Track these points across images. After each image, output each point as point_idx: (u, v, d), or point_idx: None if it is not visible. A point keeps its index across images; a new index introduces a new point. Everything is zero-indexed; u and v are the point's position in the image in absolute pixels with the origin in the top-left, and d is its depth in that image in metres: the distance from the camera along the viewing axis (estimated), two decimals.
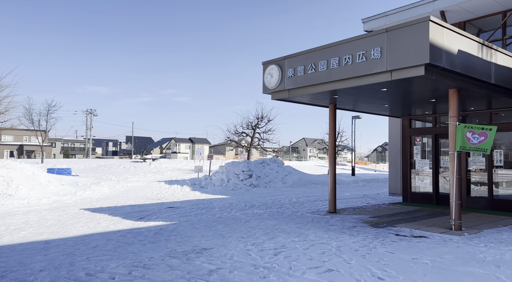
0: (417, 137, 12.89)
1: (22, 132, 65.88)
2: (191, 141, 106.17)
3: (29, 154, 75.80)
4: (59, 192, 14.69)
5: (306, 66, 8.88)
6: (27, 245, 6.66)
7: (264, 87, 10.01)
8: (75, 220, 9.53)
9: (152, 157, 33.53)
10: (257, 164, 21.79)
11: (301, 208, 11.90)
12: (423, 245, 6.52)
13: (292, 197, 15.49)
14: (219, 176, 19.93)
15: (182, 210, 11.38)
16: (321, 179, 22.74)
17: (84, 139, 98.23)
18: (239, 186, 19.10)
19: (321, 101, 10.46)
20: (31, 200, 12.80)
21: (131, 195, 15.85)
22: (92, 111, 79.89)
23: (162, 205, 12.64)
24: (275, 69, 9.68)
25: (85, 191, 15.66)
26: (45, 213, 10.73)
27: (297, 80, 9.12)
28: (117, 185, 18.70)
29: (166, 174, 25.70)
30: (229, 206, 12.28)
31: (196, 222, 8.91)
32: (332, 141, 10.91)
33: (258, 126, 28.41)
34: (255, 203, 13.19)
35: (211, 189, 18.58)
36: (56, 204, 12.71)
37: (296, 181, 21.04)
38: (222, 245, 6.54)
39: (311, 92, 8.99)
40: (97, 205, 12.72)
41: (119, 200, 14.07)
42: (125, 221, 9.32)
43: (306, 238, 7.03)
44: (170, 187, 18.63)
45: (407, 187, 13.14)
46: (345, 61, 8.02)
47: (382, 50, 7.38)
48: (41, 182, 14.42)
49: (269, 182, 20.30)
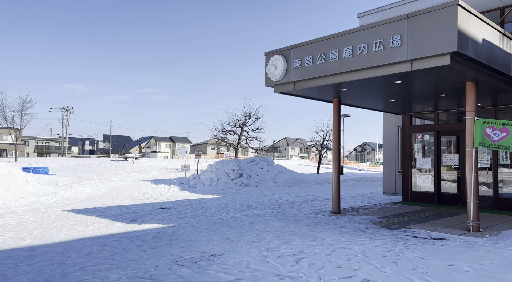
0: (418, 134, 12.50)
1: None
2: (172, 139, 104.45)
3: (0, 152, 72.82)
4: (37, 192, 13.65)
5: (315, 56, 8.27)
6: (8, 252, 5.81)
7: (267, 80, 9.36)
8: (59, 222, 8.65)
9: (135, 155, 32.36)
10: (247, 162, 21.13)
11: (301, 208, 11.30)
12: (450, 249, 6.00)
13: (287, 196, 14.90)
14: (208, 175, 19.17)
15: (175, 211, 10.61)
16: (311, 178, 22.25)
17: (59, 137, 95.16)
18: (230, 185, 18.39)
19: (326, 95, 9.89)
20: (7, 201, 11.77)
21: (116, 195, 14.93)
22: (68, 109, 77.35)
23: (152, 206, 11.83)
24: (279, 60, 9.04)
25: (66, 191, 14.65)
26: (24, 215, 9.79)
27: (305, 71, 8.50)
28: (100, 184, 17.70)
29: (150, 173, 24.72)
30: (225, 206, 11.58)
31: (196, 224, 8.18)
32: (336, 137, 10.34)
33: (245, 124, 27.70)
34: (251, 203, 12.53)
35: (200, 188, 17.80)
36: (35, 205, 11.72)
37: (287, 180, 20.48)
38: (233, 250, 5.86)
39: (319, 85, 8.39)
40: (81, 205, 11.80)
41: (104, 201, 13.16)
42: (116, 224, 8.50)
43: (323, 241, 6.41)
44: (157, 186, 17.75)
45: (407, 186, 12.73)
46: (360, 51, 7.45)
47: (402, 38, 6.84)
48: (17, 181, 13.35)
49: (260, 181, 19.67)
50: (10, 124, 35.44)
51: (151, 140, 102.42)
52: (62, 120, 76.81)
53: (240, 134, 27.69)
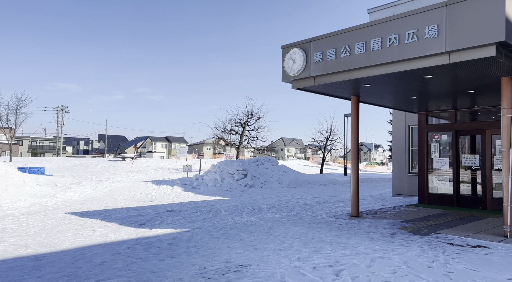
0: (435, 134, 12.00)
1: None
2: (168, 139, 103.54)
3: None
4: (36, 194, 12.99)
5: (339, 49, 7.73)
6: (12, 262, 5.21)
7: (284, 75, 8.80)
8: (63, 227, 8.04)
9: (134, 155, 31.68)
10: (251, 162, 20.56)
11: (316, 211, 10.76)
12: (498, 259, 5.47)
13: (296, 198, 14.35)
14: (212, 176, 18.58)
15: (184, 214, 10.03)
16: (316, 178, 21.72)
17: (53, 137, 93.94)
18: (234, 186, 17.82)
19: (346, 92, 9.35)
20: (4, 203, 11.12)
21: (118, 197, 14.31)
22: (63, 108, 76.12)
23: (158, 208, 11.23)
24: (298, 54, 8.49)
25: (66, 192, 14.00)
26: (23, 218, 9.16)
27: (327, 65, 7.96)
28: (100, 185, 17.05)
29: (150, 174, 24.06)
30: (235, 209, 11.00)
31: (211, 229, 7.60)
32: (355, 137, 9.80)
33: (247, 124, 27.12)
34: (261, 205, 11.96)
35: (204, 189, 17.21)
36: (34, 208, 11.09)
37: (292, 181, 19.93)
38: (260, 260, 5.29)
39: (343, 79, 7.84)
40: (83, 208, 11.18)
41: (107, 202, 12.54)
42: (124, 228, 7.91)
43: (356, 250, 5.86)
44: (159, 187, 17.14)
45: (423, 187, 12.22)
46: (390, 42, 6.92)
47: (439, 27, 6.31)
48: (15, 182, 12.69)
49: (265, 182, 19.11)
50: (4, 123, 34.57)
51: (147, 140, 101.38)
52: (57, 119, 75.53)
53: (242, 134, 27.11)
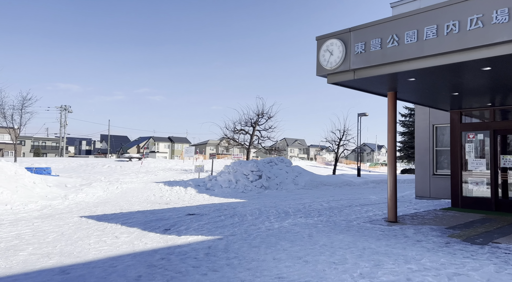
0: (470, 133, 11.32)
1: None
2: (171, 140, 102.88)
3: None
4: (47, 195, 12.35)
5: (385, 39, 7.06)
6: (36, 276, 4.55)
7: (319, 68, 8.13)
8: (82, 232, 7.38)
9: (143, 156, 31.05)
10: (264, 163, 19.90)
11: (347, 215, 10.09)
12: None
13: (318, 201, 13.68)
14: (226, 177, 17.92)
15: (208, 218, 9.37)
16: (331, 180, 21.04)
17: (56, 137, 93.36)
18: (249, 187, 17.16)
19: (384, 87, 8.67)
20: (15, 205, 10.47)
21: (131, 198, 13.67)
22: (66, 108, 75.49)
23: (177, 211, 10.58)
24: (336, 45, 7.82)
25: (77, 194, 13.35)
26: (37, 222, 8.51)
27: (370, 57, 7.29)
28: (111, 186, 16.42)
29: (160, 174, 23.43)
30: (259, 213, 10.34)
31: (246, 237, 6.93)
32: (391, 135, 9.12)
33: (258, 124, 26.45)
34: (285, 209, 11.30)
35: (218, 191, 16.56)
36: (47, 210, 10.44)
37: (308, 182, 19.26)
38: (317, 276, 4.62)
39: (389, 72, 7.17)
40: (98, 211, 10.53)
41: (121, 205, 11.90)
42: (149, 234, 7.25)
43: (422, 264, 5.18)
44: (172, 188, 16.50)
45: (457, 190, 11.53)
46: (448, 30, 6.25)
47: (510, 11, 5.64)
48: (25, 183, 12.05)
49: (280, 183, 18.44)
50: (9, 123, 33.94)
51: (150, 140, 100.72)
52: (60, 119, 74.82)
53: (252, 134, 26.44)
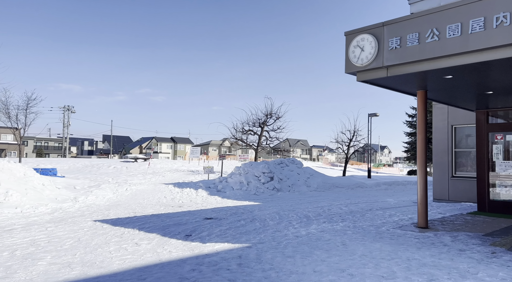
0: (498, 134, 10.88)
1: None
2: (173, 140, 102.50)
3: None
4: (56, 198, 11.94)
5: (423, 33, 6.63)
6: None
7: (349, 65, 7.70)
8: (100, 239, 6.97)
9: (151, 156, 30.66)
10: (275, 164, 19.47)
11: (372, 220, 9.66)
12: None
13: (336, 204, 13.23)
14: (237, 179, 17.49)
15: (227, 222, 8.94)
16: (343, 182, 20.59)
17: (58, 138, 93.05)
18: (261, 189, 16.73)
19: (415, 85, 8.25)
20: (25, 208, 10.06)
21: (143, 201, 13.25)
22: (69, 108, 75.10)
23: (193, 215, 10.16)
24: (367, 40, 7.39)
25: (87, 196, 12.94)
26: (51, 226, 8.10)
27: (406, 52, 6.86)
28: (120, 188, 16.01)
29: (167, 176, 23.00)
30: (279, 217, 9.91)
31: (276, 245, 6.50)
32: (422, 137, 8.69)
33: (266, 124, 26.01)
34: (304, 212, 10.88)
35: (230, 193, 16.12)
36: (58, 214, 10.02)
37: (320, 185, 18.82)
38: None
39: (426, 69, 6.74)
40: (111, 214, 10.12)
41: (134, 208, 11.48)
42: (171, 241, 6.83)
43: (480, 278, 4.75)
44: (183, 190, 16.07)
45: (484, 194, 11.08)
46: (498, 22, 5.82)
47: None
48: (34, 185, 11.64)
49: (292, 185, 18.01)
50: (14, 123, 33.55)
51: (153, 140, 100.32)
52: (63, 119, 74.44)
53: (261, 135, 26.01)
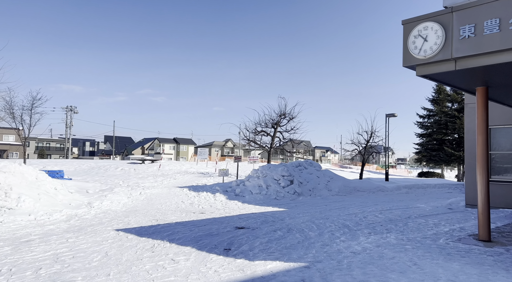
0: None
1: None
2: (176, 141, 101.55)
3: (1, 153, 69.92)
4: (70, 203, 11.08)
5: (506, 18, 5.77)
6: None
7: (408, 57, 6.84)
8: (129, 253, 6.11)
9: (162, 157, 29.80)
10: (293, 167, 18.61)
11: (419, 230, 8.80)
12: None
13: (367, 210, 12.36)
14: (255, 182, 16.63)
15: (263, 233, 8.08)
16: (363, 185, 19.70)
17: (59, 138, 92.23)
18: (282, 194, 15.86)
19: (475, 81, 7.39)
20: (39, 215, 9.20)
21: (161, 206, 12.39)
22: (72, 109, 74.23)
23: (221, 223, 9.31)
24: (432, 29, 6.54)
25: (102, 201, 12.08)
26: (71, 237, 7.25)
27: (483, 42, 6.00)
28: (134, 192, 15.15)
29: (179, 178, 22.13)
30: (316, 227, 9.05)
31: (337, 265, 5.57)
32: (482, 139, 7.85)
33: (279, 125, 25.13)
34: (341, 221, 10.02)
35: (249, 197, 15.25)
36: (74, 221, 9.16)
37: (341, 188, 17.94)
38: None
39: (509, 60, 5.88)
40: (132, 222, 9.26)
41: (154, 214, 10.63)
42: (211, 257, 5.97)
43: None
44: (199, 194, 15.22)
45: None
46: None
47: None
48: (47, 189, 10.79)
49: (313, 189, 17.14)
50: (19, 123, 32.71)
51: (155, 141, 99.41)
52: (65, 120, 73.57)
53: (274, 136, 25.13)
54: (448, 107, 37.65)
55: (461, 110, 35.36)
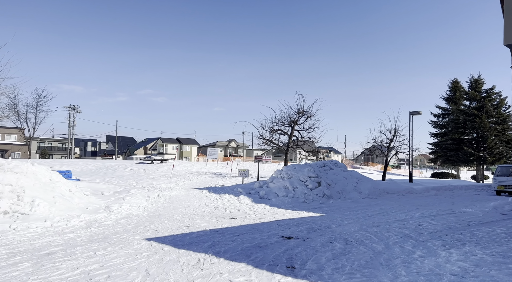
0: None
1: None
2: (179, 141, 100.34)
3: (3, 153, 68.84)
4: (87, 207, 9.90)
5: None
6: None
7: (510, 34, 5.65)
8: (174, 270, 4.97)
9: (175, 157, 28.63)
10: (318, 167, 17.41)
11: (494, 242, 7.60)
12: None
13: (415, 216, 11.16)
14: (280, 183, 15.44)
15: (319, 245, 6.91)
16: (391, 187, 18.48)
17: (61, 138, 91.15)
18: (310, 196, 14.66)
19: None
20: (55, 221, 8.03)
21: (185, 210, 11.24)
22: (75, 108, 72.99)
23: (262, 231, 8.14)
24: None
25: (121, 205, 10.91)
26: (98, 249, 6.09)
27: None
28: (151, 194, 13.99)
29: (193, 179, 20.95)
30: (376, 238, 7.87)
31: None
32: None
33: (296, 123, 23.91)
34: (395, 229, 8.84)
35: (276, 200, 14.07)
36: (95, 228, 7.98)
37: (371, 191, 16.74)
38: None
39: None
40: (160, 229, 8.10)
41: (180, 219, 9.49)
42: (277, 278, 4.81)
43: None
44: (221, 197, 14.05)
45: None
46: None
47: None
48: (62, 192, 9.61)
49: (342, 192, 15.94)
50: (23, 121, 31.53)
51: (158, 141, 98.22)
52: (68, 119, 72.33)
53: (291, 134, 23.92)
54: (466, 105, 36.41)
55: (481, 109, 34.13)
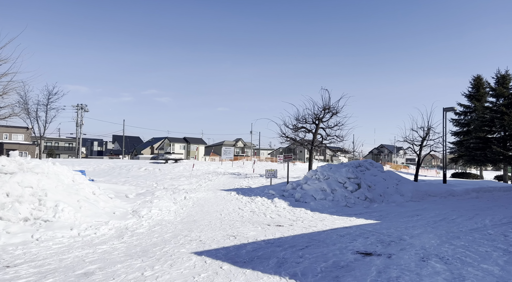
0: None
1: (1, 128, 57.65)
2: (186, 140, 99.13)
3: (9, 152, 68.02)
4: (114, 212, 8.60)
5: None
6: None
7: None
8: None
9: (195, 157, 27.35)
10: (353, 168, 16.02)
11: None
12: None
13: (480, 221, 9.77)
14: (316, 185, 14.07)
15: (411, 264, 5.58)
16: (432, 189, 17.02)
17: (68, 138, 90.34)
18: (352, 200, 13.28)
19: None
20: (82, 229, 6.73)
21: (220, 215, 9.96)
22: (83, 107, 71.97)
23: (327, 245, 6.80)
24: None
25: (150, 209, 9.62)
26: (143, 267, 4.82)
27: None
28: (177, 196, 12.72)
29: (214, 180, 19.63)
30: (468, 252, 6.51)
31: None
32: None
33: (321, 120, 22.48)
34: (475, 239, 7.49)
35: (314, 204, 12.69)
36: (128, 238, 6.67)
37: (414, 193, 15.33)
38: None
39: None
40: (204, 240, 6.80)
41: (220, 227, 8.22)
42: None
43: None
44: (253, 200, 12.75)
45: None
46: None
47: None
48: (86, 195, 8.33)
49: (383, 194, 14.54)
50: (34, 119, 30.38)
51: (165, 141, 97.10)
52: (76, 119, 71.31)
53: (315, 132, 22.50)
54: (493, 102, 34.75)
55: (509, 106, 32.48)
